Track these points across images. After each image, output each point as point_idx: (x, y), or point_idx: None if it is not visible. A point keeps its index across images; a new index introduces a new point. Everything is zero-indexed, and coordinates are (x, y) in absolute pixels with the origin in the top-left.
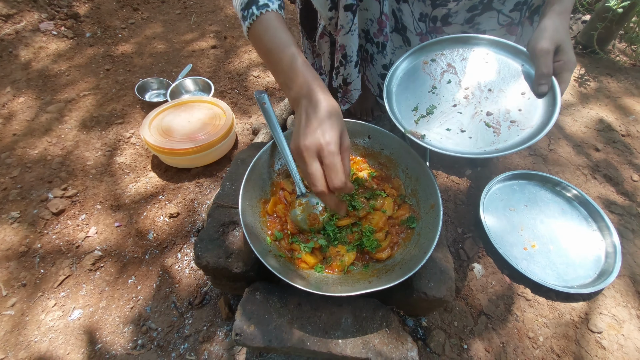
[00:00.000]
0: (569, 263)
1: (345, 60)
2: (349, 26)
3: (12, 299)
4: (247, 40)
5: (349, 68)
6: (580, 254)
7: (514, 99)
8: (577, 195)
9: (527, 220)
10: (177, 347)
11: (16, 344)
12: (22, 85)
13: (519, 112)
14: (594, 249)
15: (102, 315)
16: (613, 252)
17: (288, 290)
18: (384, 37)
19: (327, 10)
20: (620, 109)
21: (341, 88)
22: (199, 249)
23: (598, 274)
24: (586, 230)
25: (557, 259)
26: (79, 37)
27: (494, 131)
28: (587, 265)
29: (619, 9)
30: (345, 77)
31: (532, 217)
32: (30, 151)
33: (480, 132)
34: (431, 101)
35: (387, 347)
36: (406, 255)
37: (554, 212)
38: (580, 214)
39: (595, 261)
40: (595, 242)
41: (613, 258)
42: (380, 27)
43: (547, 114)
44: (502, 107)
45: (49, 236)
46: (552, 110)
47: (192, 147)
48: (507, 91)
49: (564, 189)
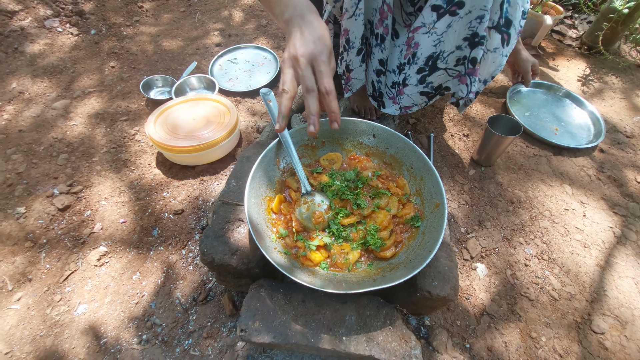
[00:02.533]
0: (576, 131)
1: (348, 46)
2: (352, 10)
3: (18, 293)
4: (250, 39)
5: (351, 54)
6: (582, 124)
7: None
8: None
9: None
10: (181, 343)
11: (22, 338)
12: (27, 82)
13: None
14: (586, 121)
15: (107, 310)
16: (596, 118)
17: (292, 287)
18: (383, 29)
19: None
20: (625, 110)
21: (344, 75)
22: (204, 245)
23: (594, 134)
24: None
25: (572, 131)
26: (84, 34)
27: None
28: (587, 129)
29: (624, 10)
30: (347, 63)
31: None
32: (36, 147)
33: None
34: None
35: (390, 345)
36: (411, 254)
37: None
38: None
39: (589, 127)
40: (584, 116)
41: (598, 122)
42: (381, 17)
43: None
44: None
45: (55, 232)
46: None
47: (196, 145)
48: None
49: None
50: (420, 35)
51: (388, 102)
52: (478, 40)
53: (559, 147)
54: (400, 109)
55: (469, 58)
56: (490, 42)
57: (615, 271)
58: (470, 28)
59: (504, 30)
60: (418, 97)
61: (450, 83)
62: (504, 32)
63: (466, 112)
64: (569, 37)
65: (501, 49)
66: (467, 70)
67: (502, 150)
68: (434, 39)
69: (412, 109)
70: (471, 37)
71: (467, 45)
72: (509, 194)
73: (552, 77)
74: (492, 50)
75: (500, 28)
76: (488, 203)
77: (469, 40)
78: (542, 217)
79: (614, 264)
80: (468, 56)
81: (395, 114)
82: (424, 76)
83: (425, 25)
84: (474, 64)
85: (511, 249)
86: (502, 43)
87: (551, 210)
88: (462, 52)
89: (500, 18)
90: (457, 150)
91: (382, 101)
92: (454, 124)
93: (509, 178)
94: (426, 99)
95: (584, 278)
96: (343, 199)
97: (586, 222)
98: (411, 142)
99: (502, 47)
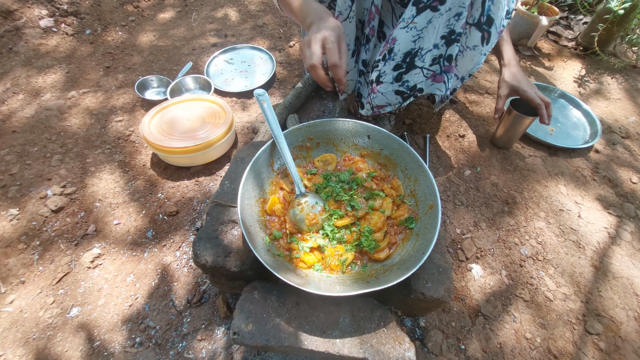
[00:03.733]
0: (571, 132)
1: None
2: (347, 13)
3: (10, 295)
4: (246, 39)
5: (346, 57)
6: (577, 124)
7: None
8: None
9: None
10: (175, 345)
11: (14, 341)
12: (22, 82)
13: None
14: (582, 121)
15: (100, 312)
16: (592, 119)
17: (286, 290)
18: (369, 30)
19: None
20: (620, 111)
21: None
22: (197, 247)
23: (590, 134)
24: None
25: (568, 132)
26: (79, 34)
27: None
28: (583, 129)
29: (620, 11)
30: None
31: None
32: (29, 148)
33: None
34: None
35: (384, 347)
36: (404, 256)
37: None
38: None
39: (585, 127)
40: (580, 117)
41: (594, 123)
42: (369, 17)
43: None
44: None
45: (48, 233)
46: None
47: (191, 146)
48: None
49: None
50: (399, 30)
51: (365, 104)
52: (454, 37)
53: (554, 147)
54: (372, 109)
55: (445, 56)
56: (469, 39)
57: (610, 272)
58: (449, 26)
59: (485, 29)
60: (392, 96)
61: (424, 84)
62: (484, 30)
63: (462, 114)
64: (564, 38)
65: (480, 47)
66: (443, 68)
67: (522, 131)
68: (414, 34)
69: (386, 108)
70: (448, 35)
71: (444, 43)
72: (504, 195)
73: (548, 77)
74: (470, 48)
75: (482, 26)
76: (483, 204)
77: (446, 38)
78: (537, 218)
79: (609, 265)
80: (444, 54)
81: (368, 114)
82: (400, 73)
83: (404, 19)
84: (449, 61)
85: (506, 249)
86: (482, 41)
87: (546, 211)
88: (439, 51)
89: (481, 15)
90: (453, 151)
91: (360, 102)
92: (450, 124)
93: (505, 179)
94: (401, 99)
95: (578, 279)
96: (337, 201)
97: (581, 222)
98: (405, 143)
99: (482, 46)
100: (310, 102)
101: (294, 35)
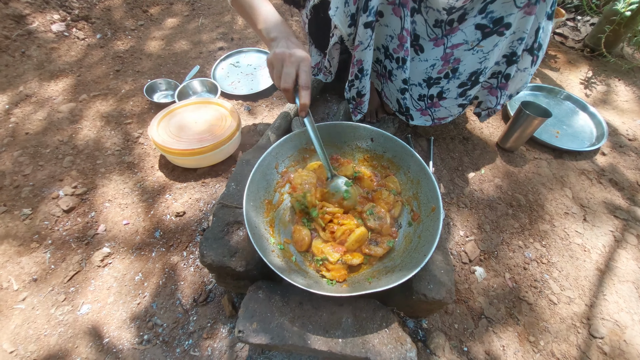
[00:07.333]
0: (577, 134)
1: (362, 74)
2: (367, 42)
3: (23, 293)
4: (252, 42)
5: (364, 81)
6: (584, 126)
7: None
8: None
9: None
10: (182, 343)
11: (26, 337)
12: (34, 85)
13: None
14: (588, 123)
15: (109, 310)
16: (598, 121)
17: (290, 290)
18: (404, 52)
19: (346, 26)
20: (627, 113)
21: (354, 100)
22: (203, 247)
23: (596, 137)
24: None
25: (574, 134)
26: (89, 39)
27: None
28: (589, 132)
29: (627, 12)
30: (359, 89)
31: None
32: (42, 150)
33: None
34: None
35: (386, 348)
36: (406, 258)
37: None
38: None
39: (591, 130)
40: (586, 119)
41: (600, 125)
42: (400, 42)
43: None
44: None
45: (60, 233)
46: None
47: (198, 148)
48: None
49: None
50: (462, 52)
51: (416, 114)
52: (515, 59)
53: (559, 150)
54: (433, 120)
55: (504, 74)
56: (522, 62)
57: (616, 275)
58: (511, 47)
59: (535, 53)
60: (455, 109)
61: (480, 93)
62: (535, 55)
63: (466, 116)
64: (571, 40)
65: (529, 69)
66: (499, 84)
67: (531, 133)
68: (480, 56)
69: (447, 119)
70: (510, 56)
71: (505, 62)
72: (509, 197)
73: (554, 79)
74: (521, 70)
75: (533, 51)
76: (487, 206)
77: (507, 58)
78: (542, 221)
79: (614, 268)
80: (503, 72)
81: (427, 124)
82: (465, 90)
83: (468, 42)
84: (507, 79)
85: (510, 252)
86: (531, 64)
87: (551, 213)
88: (499, 68)
89: (534, 42)
90: (457, 154)
91: (409, 115)
92: (454, 127)
93: (509, 181)
94: (461, 109)
95: (583, 282)
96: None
97: (586, 225)
98: (407, 145)
99: (530, 67)
100: (315, 105)
101: (299, 39)
